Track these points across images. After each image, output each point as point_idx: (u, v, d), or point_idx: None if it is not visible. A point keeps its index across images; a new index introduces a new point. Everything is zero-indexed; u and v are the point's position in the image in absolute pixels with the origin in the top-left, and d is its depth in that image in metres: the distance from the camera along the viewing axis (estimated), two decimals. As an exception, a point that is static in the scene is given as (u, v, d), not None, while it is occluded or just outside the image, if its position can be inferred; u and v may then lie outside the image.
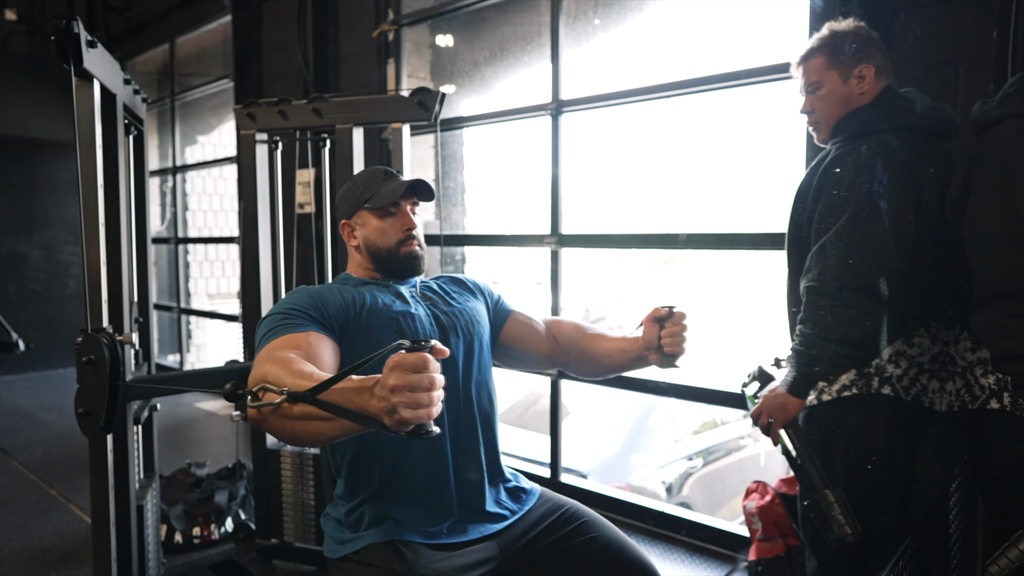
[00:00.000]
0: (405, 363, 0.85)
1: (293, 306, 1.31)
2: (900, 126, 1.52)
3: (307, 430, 0.98)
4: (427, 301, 1.49)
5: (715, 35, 4.07)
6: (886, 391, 1.51)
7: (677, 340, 1.40)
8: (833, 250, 1.46)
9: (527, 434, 4.61)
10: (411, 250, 1.49)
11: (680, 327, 1.41)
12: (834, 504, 1.47)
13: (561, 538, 1.41)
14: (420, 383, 0.85)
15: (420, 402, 0.85)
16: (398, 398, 0.84)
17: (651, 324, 1.43)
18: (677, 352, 1.41)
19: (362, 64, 3.69)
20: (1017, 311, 1.25)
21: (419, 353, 0.86)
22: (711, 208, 13.02)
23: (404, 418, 0.84)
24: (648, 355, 1.44)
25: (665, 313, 1.42)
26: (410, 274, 1.51)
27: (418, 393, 0.84)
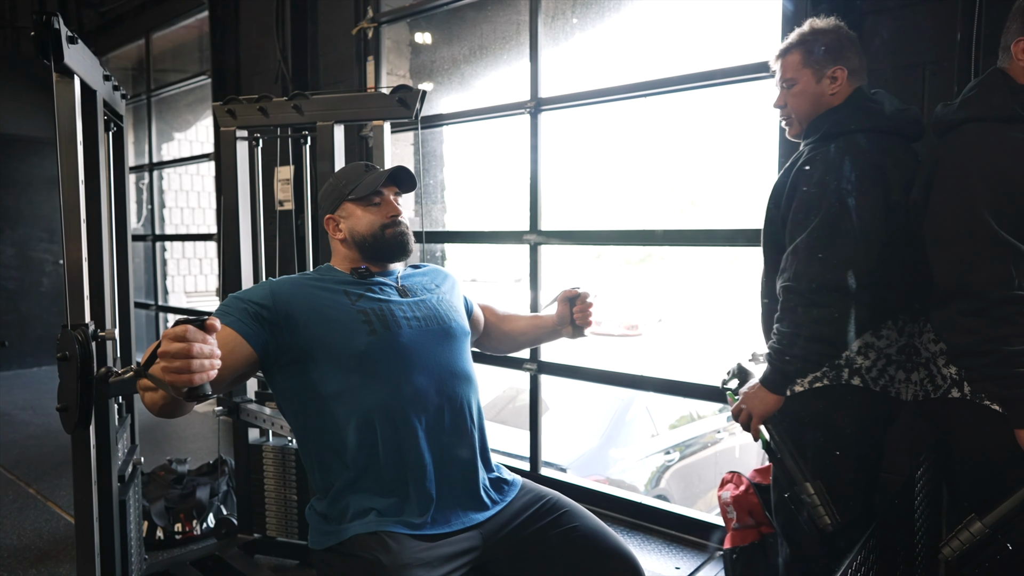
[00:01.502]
0: (167, 334, 0.98)
1: (239, 297, 1.39)
2: (870, 127, 1.57)
3: (153, 400, 1.16)
4: (407, 292, 1.52)
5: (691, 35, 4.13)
6: (856, 382, 1.57)
7: (585, 315, 1.74)
8: (807, 250, 1.51)
9: (507, 429, 4.64)
10: (397, 231, 1.52)
11: (587, 304, 1.74)
12: (814, 496, 1.53)
13: (542, 528, 1.45)
14: (178, 351, 0.96)
15: (178, 368, 0.96)
16: (163, 363, 0.97)
17: (563, 303, 1.76)
18: (585, 324, 1.75)
19: (341, 61, 3.69)
20: (971, 309, 1.31)
21: (181, 325, 0.98)
22: (688, 206, 13.15)
23: (171, 381, 0.97)
24: (561, 328, 1.77)
25: (575, 293, 1.75)
26: (399, 255, 1.54)
27: (176, 360, 0.96)
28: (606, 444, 4.49)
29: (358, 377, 1.37)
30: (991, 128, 1.39)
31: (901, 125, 1.60)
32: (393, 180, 1.55)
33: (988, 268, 1.31)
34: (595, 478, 4.11)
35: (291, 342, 1.36)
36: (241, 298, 1.38)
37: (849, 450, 1.60)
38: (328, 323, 1.39)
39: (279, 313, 1.36)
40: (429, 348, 1.45)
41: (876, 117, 1.58)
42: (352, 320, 1.40)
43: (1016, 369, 1.28)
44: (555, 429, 4.78)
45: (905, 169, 1.54)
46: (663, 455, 4.61)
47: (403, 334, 1.42)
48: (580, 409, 4.89)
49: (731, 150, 11.35)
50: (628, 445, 4.55)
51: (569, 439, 4.57)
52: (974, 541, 1.35)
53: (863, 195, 1.48)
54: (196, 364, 0.97)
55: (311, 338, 1.37)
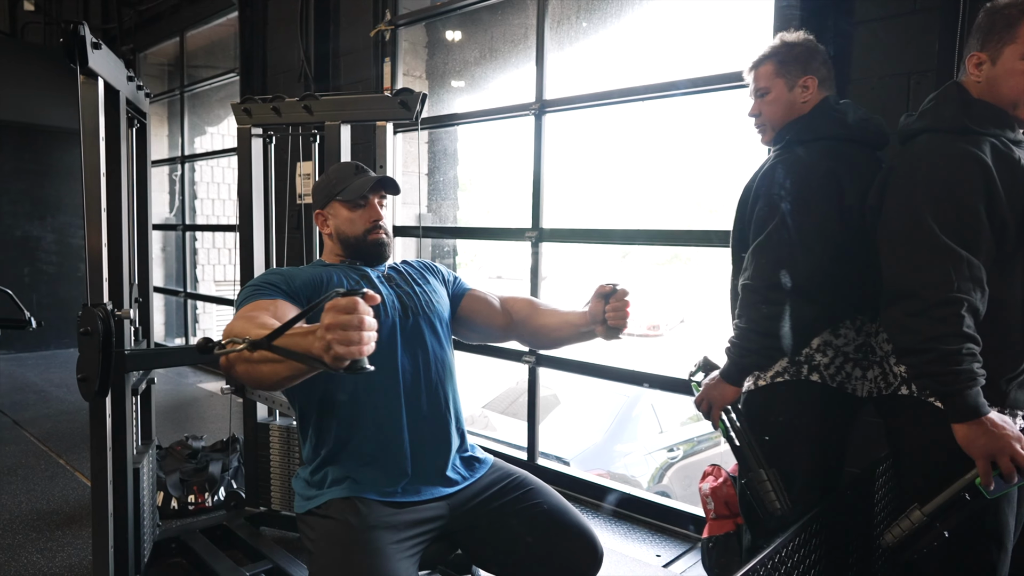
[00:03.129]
0: (338, 305, 0.97)
1: (264, 280, 1.49)
2: (831, 135, 1.65)
3: (264, 372, 1.14)
4: (391, 283, 1.64)
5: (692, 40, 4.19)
6: (814, 378, 1.65)
7: (620, 315, 1.53)
8: (764, 251, 1.60)
9: (516, 422, 4.76)
10: (377, 238, 1.65)
11: (623, 303, 1.53)
12: (766, 482, 1.62)
13: (507, 503, 1.56)
14: (351, 322, 0.96)
15: (351, 339, 0.95)
16: (332, 335, 0.96)
17: (597, 300, 1.56)
18: (619, 325, 1.54)
19: (360, 62, 3.84)
20: (913, 310, 1.39)
21: (351, 297, 0.98)
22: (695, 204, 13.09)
23: (338, 354, 0.95)
24: (595, 328, 1.58)
25: (609, 290, 1.55)
26: (377, 260, 1.66)
27: (349, 331, 0.95)
28: (611, 439, 4.58)
29: None
30: (942, 139, 1.46)
31: (863, 134, 1.67)
32: (379, 186, 1.67)
33: (929, 271, 1.38)
34: (598, 472, 4.20)
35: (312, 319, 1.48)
36: (269, 281, 1.48)
37: (807, 442, 1.68)
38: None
39: (298, 293, 1.49)
40: (411, 336, 1.57)
41: (838, 126, 1.66)
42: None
43: (952, 367, 1.35)
44: (566, 423, 4.88)
45: (863, 175, 1.61)
46: (667, 452, 4.68)
47: (387, 321, 1.54)
48: (588, 404, 4.98)
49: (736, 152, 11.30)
50: (633, 441, 4.63)
51: (576, 433, 4.67)
52: (913, 528, 1.43)
53: (814, 199, 1.56)
54: (366, 336, 0.96)
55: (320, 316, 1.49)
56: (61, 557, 2.48)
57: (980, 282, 1.37)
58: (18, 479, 3.20)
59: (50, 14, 6.47)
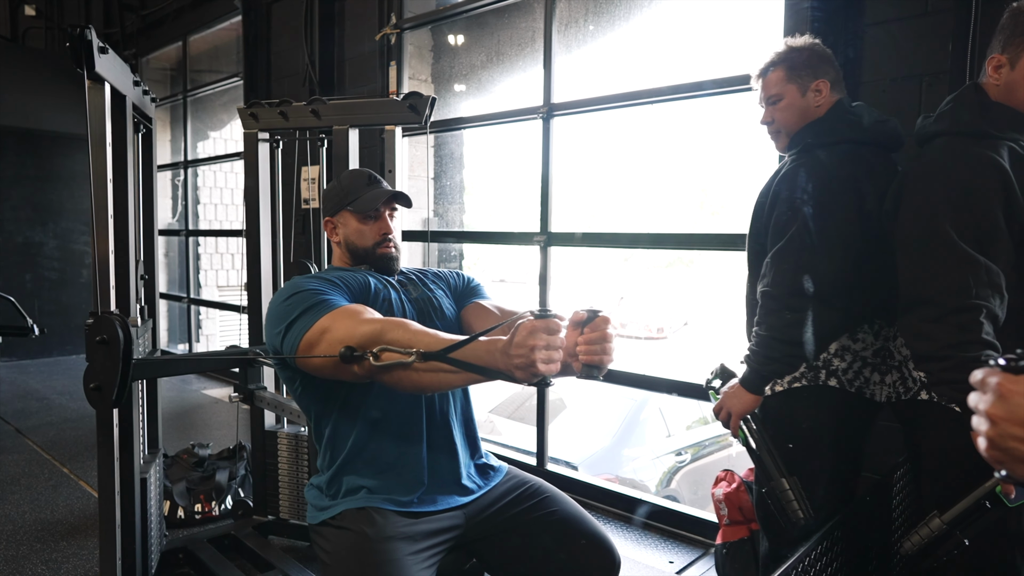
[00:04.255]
0: (543, 326, 1.05)
1: (320, 287, 1.43)
2: (848, 139, 1.63)
3: (434, 380, 1.21)
4: (403, 288, 1.62)
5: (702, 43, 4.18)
6: (832, 383, 1.63)
7: (597, 348, 1.14)
8: (784, 257, 1.57)
9: (522, 427, 4.74)
10: (387, 252, 1.63)
11: (600, 334, 1.14)
12: (788, 491, 1.59)
13: (523, 511, 1.54)
14: (555, 342, 1.06)
15: (552, 358, 1.06)
16: (539, 355, 1.04)
17: (571, 329, 1.18)
18: (595, 362, 1.15)
19: (366, 66, 3.82)
20: (932, 316, 1.37)
21: (552, 319, 1.07)
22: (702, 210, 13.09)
23: (540, 371, 1.05)
24: (571, 363, 1.18)
25: (584, 317, 1.16)
26: (386, 273, 1.64)
27: (552, 351, 1.05)
28: (619, 443, 4.56)
29: None
30: (959, 143, 1.44)
31: (879, 136, 1.65)
32: (392, 199, 1.65)
33: (947, 277, 1.36)
34: (606, 477, 4.18)
35: None
36: (326, 287, 1.44)
37: (825, 448, 1.66)
38: (377, 304, 1.49)
39: (353, 296, 1.47)
40: None
41: (854, 129, 1.64)
42: (381, 308, 1.51)
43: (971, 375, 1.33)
44: (573, 427, 4.86)
45: (881, 179, 1.59)
46: (675, 456, 4.65)
47: None
48: (596, 408, 4.96)
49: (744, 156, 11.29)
50: (640, 445, 4.61)
51: (584, 437, 4.65)
52: (933, 536, 1.40)
53: (836, 204, 1.54)
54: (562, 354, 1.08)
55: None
56: (66, 568, 2.46)
57: (999, 288, 1.35)
58: (21, 488, 3.18)
59: (51, 19, 6.47)
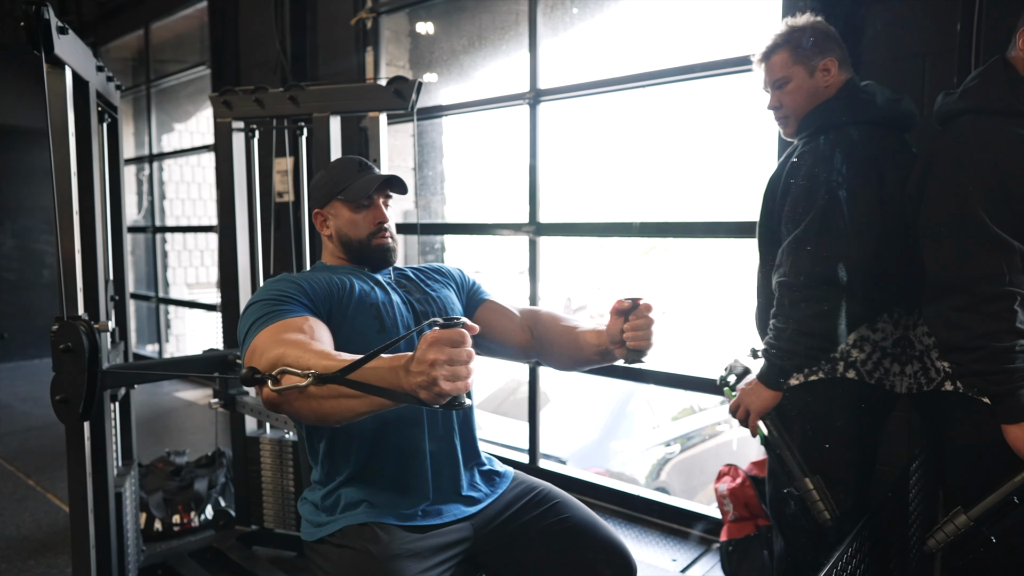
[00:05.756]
0: (445, 338, 0.89)
1: (282, 293, 1.31)
2: (863, 119, 1.56)
3: (336, 408, 1.02)
4: (402, 288, 1.51)
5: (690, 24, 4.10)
6: (851, 375, 1.56)
7: (642, 334, 1.28)
8: (802, 245, 1.49)
9: (507, 421, 4.65)
10: (383, 242, 1.51)
11: (645, 320, 1.28)
12: (813, 491, 1.53)
13: (533, 519, 1.45)
14: (460, 356, 0.89)
15: (459, 374, 0.89)
16: (439, 371, 0.88)
17: (615, 317, 1.32)
18: (642, 347, 1.29)
19: (341, 52, 3.67)
20: (962, 305, 1.30)
21: (456, 329, 0.90)
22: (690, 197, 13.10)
23: (444, 390, 0.88)
24: (614, 349, 1.34)
25: (628, 305, 1.29)
26: (381, 265, 1.52)
27: (457, 366, 0.89)
28: (607, 436, 4.49)
29: None
30: (989, 121, 1.37)
31: (893, 116, 1.58)
32: (385, 185, 1.53)
33: (979, 263, 1.29)
34: (595, 470, 4.11)
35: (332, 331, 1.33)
36: (288, 294, 1.31)
37: (844, 443, 1.59)
38: (353, 315, 1.37)
39: (321, 304, 1.34)
40: None
41: (869, 108, 1.57)
42: (367, 313, 1.39)
43: (1004, 365, 1.27)
44: (556, 421, 4.78)
45: (899, 161, 1.52)
46: (664, 447, 4.60)
47: (402, 332, 1.41)
48: (581, 401, 4.89)
49: (731, 141, 11.31)
50: (628, 437, 4.55)
51: (570, 431, 4.57)
52: (958, 534, 1.35)
53: (856, 188, 1.47)
54: (472, 370, 0.90)
55: (338, 327, 1.34)
56: (37, 588, 2.31)
57: None
58: (-15, 503, 3.00)
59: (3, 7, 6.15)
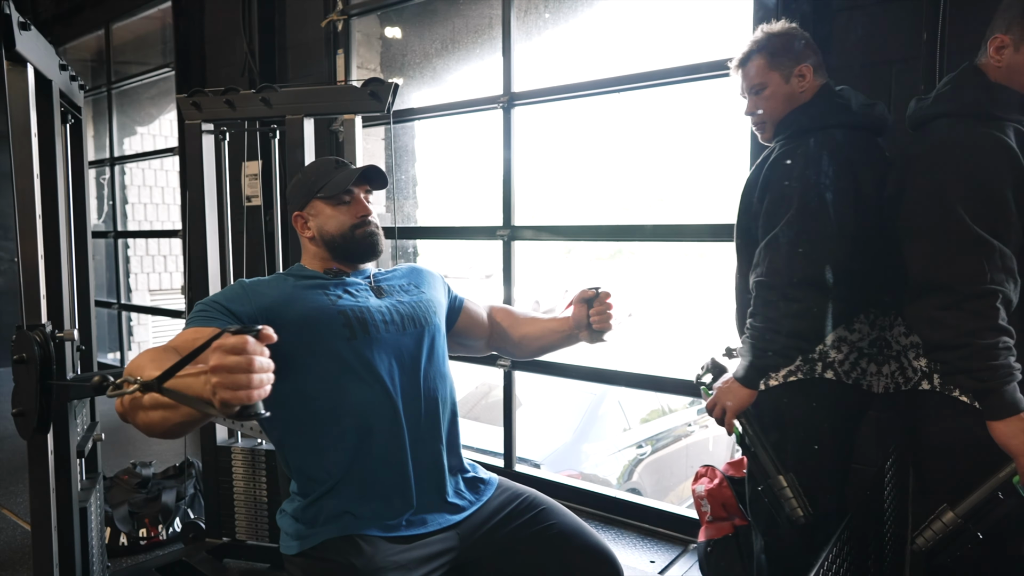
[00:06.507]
0: (224, 345, 0.86)
1: (216, 300, 1.32)
2: (839, 123, 1.58)
3: (154, 419, 0.99)
4: (382, 293, 1.48)
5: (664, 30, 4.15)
6: (829, 375, 1.58)
7: (604, 317, 1.57)
8: (779, 245, 1.51)
9: (480, 426, 4.63)
10: (367, 231, 1.49)
11: (606, 306, 1.57)
12: (786, 489, 1.54)
13: (519, 526, 1.43)
14: (239, 364, 0.85)
15: (238, 383, 0.85)
16: (217, 378, 0.85)
17: (580, 304, 1.59)
18: (605, 328, 1.57)
19: (310, 54, 3.62)
20: (946, 303, 1.33)
21: (239, 336, 0.86)
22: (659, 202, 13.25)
23: (224, 399, 0.85)
24: (578, 333, 1.60)
25: (592, 294, 1.58)
26: (368, 256, 1.50)
27: (236, 375, 0.85)
28: (579, 439, 4.50)
29: (341, 381, 1.33)
30: (964, 125, 1.40)
31: (867, 120, 1.61)
32: (364, 178, 1.51)
33: (962, 263, 1.32)
34: (568, 473, 4.12)
35: (275, 346, 1.30)
36: (219, 301, 1.32)
37: (823, 443, 1.61)
38: (311, 324, 1.35)
39: (261, 316, 1.30)
40: (408, 350, 1.41)
41: (844, 112, 1.60)
42: (333, 321, 1.36)
43: (989, 362, 1.29)
44: (528, 425, 4.78)
45: (874, 164, 1.55)
46: (635, 449, 4.63)
47: (381, 337, 1.39)
48: (553, 404, 4.89)
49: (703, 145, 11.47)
50: (601, 440, 4.57)
51: (542, 434, 4.57)
52: (947, 531, 1.37)
53: (838, 190, 1.49)
54: (256, 379, 0.86)
55: (295, 339, 1.31)
56: (-5, 609, 2.21)
57: (1013, 272, 1.32)
58: (-62, 520, 2.87)
59: (-46, 5, 5.92)
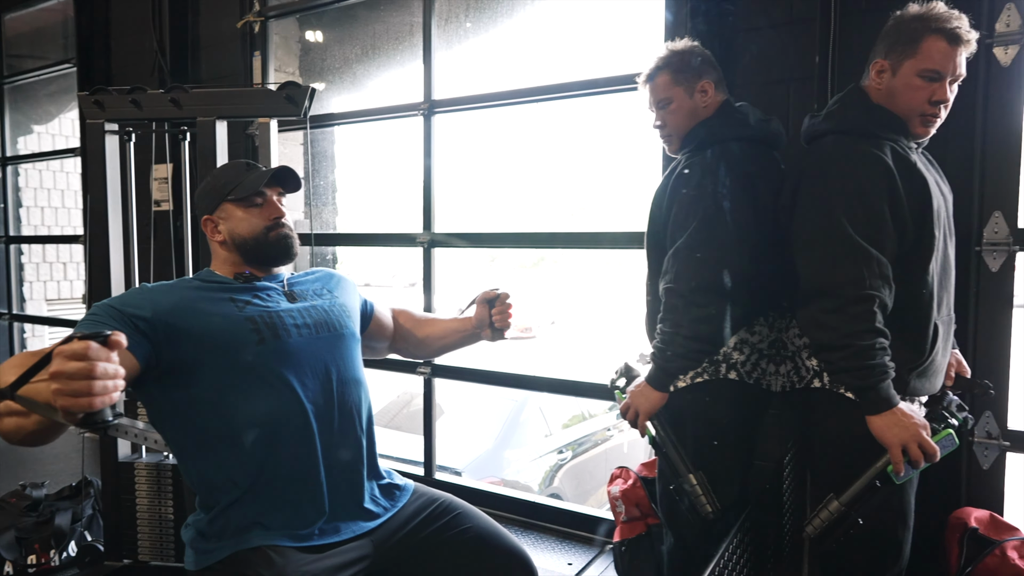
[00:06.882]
0: (64, 351, 0.85)
1: (111, 304, 1.28)
2: (737, 136, 1.69)
3: (10, 427, 0.99)
4: (295, 297, 1.47)
5: (583, 42, 4.26)
6: (732, 376, 1.67)
7: (505, 316, 1.68)
8: (686, 252, 1.60)
9: (401, 435, 4.59)
10: (280, 233, 1.47)
11: (506, 305, 1.68)
12: (696, 487, 1.62)
13: (436, 531, 1.44)
14: (79, 371, 0.84)
15: (77, 390, 0.84)
16: (57, 385, 0.84)
17: (482, 304, 1.70)
18: (505, 326, 1.70)
19: (226, 54, 3.51)
20: (832, 307, 1.43)
21: (82, 341, 0.85)
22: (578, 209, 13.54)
23: (63, 406, 0.84)
24: (480, 331, 1.71)
25: (494, 295, 1.70)
26: (283, 259, 1.48)
27: (75, 381, 0.84)
28: (500, 446, 4.53)
29: (247, 388, 1.31)
30: (848, 141, 1.52)
31: (764, 134, 1.72)
32: (276, 180, 1.49)
33: (844, 270, 1.43)
34: (490, 480, 4.14)
35: (173, 353, 1.26)
36: (114, 306, 1.27)
37: (727, 440, 1.69)
38: (213, 332, 1.32)
39: (158, 322, 1.26)
40: (320, 354, 1.40)
41: (743, 127, 1.70)
42: (239, 328, 1.34)
43: (867, 362, 1.40)
44: (450, 433, 4.77)
45: (771, 175, 1.66)
46: (556, 454, 4.70)
47: (292, 342, 1.37)
48: (474, 412, 4.91)
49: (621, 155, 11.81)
50: (522, 446, 4.61)
51: (464, 442, 4.58)
52: (832, 518, 1.47)
53: (735, 199, 1.58)
54: (99, 386, 0.84)
55: (195, 348, 1.29)
56: None
57: (888, 279, 1.44)
58: None
59: None
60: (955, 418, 1.45)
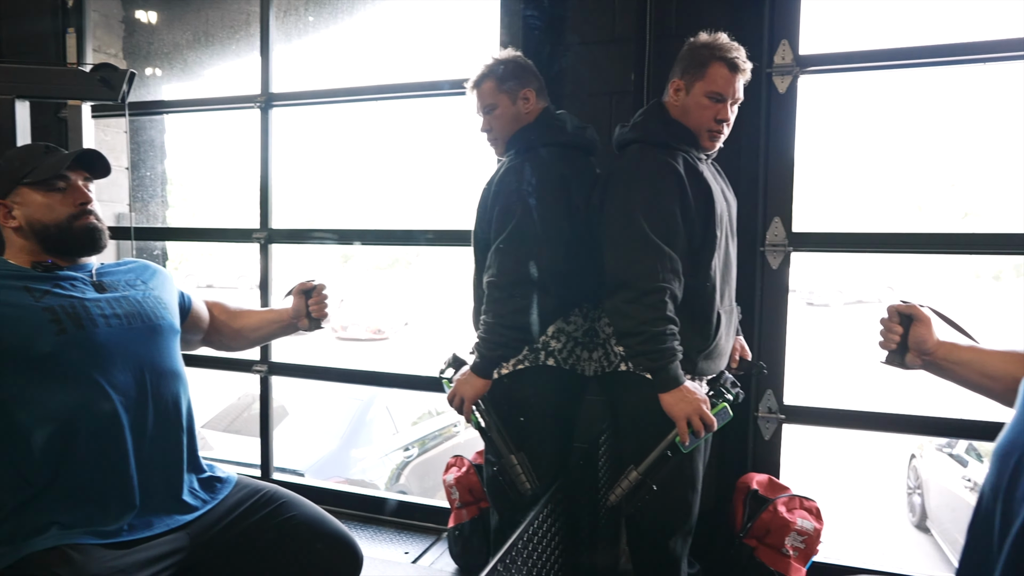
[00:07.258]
0: None
1: None
2: (555, 142, 1.83)
3: None
4: (105, 288, 1.41)
5: (422, 44, 4.34)
6: (550, 363, 1.81)
7: (321, 306, 1.74)
8: (506, 249, 1.72)
9: (241, 439, 4.42)
10: (87, 223, 1.39)
11: (323, 296, 1.75)
12: (517, 466, 1.73)
13: (259, 520, 1.45)
14: None
15: None
16: None
17: (299, 295, 1.76)
18: (322, 316, 1.76)
19: (32, 29, 3.19)
20: (631, 298, 1.61)
21: None
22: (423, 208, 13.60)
23: None
24: (297, 322, 1.76)
25: (311, 286, 1.76)
26: (89, 250, 1.41)
27: None
28: (347, 445, 4.49)
29: (45, 381, 1.25)
30: (649, 150, 1.71)
31: (580, 141, 1.89)
32: (81, 163, 1.41)
33: (641, 264, 1.61)
34: (335, 480, 4.09)
35: None
36: None
37: (546, 422, 1.84)
38: (4, 323, 1.24)
39: None
40: (132, 346, 1.36)
41: (560, 134, 1.85)
42: (35, 319, 1.27)
43: (659, 346, 1.59)
44: (295, 434, 4.65)
45: (585, 178, 1.82)
46: (403, 452, 4.73)
47: (100, 332, 1.32)
48: (320, 413, 4.81)
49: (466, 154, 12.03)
50: (368, 445, 4.59)
51: (309, 443, 4.48)
52: (632, 487, 1.65)
53: (548, 200, 1.73)
54: None
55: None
56: None
57: (678, 273, 1.64)
58: None
59: None
60: (730, 393, 1.67)
